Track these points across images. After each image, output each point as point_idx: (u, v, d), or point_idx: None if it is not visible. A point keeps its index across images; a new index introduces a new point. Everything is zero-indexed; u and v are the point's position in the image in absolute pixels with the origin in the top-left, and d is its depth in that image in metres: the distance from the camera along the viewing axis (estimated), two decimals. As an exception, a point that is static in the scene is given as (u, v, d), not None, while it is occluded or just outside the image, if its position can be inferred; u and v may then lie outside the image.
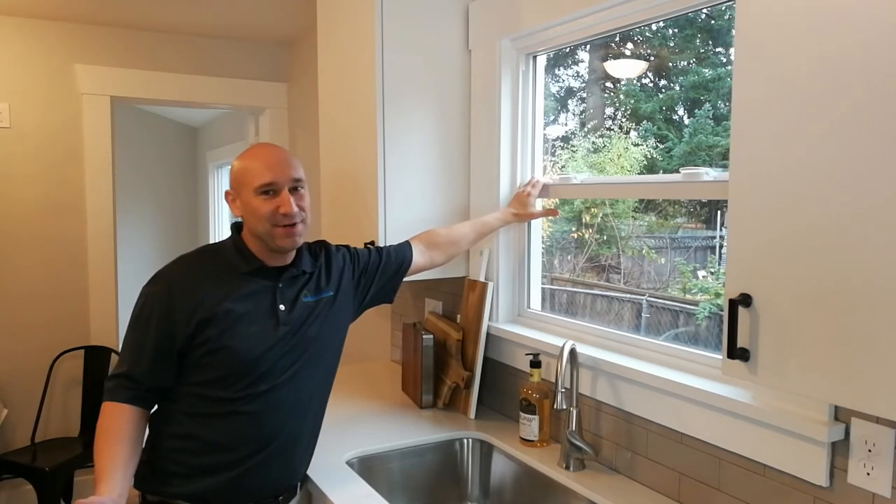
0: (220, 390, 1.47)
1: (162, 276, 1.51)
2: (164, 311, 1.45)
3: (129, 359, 1.46)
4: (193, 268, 1.52)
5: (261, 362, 1.48)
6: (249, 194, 1.48)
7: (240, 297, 1.49)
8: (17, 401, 3.41)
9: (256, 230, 1.50)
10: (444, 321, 2.32)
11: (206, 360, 1.46)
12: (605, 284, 3.33)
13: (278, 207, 1.47)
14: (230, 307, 1.47)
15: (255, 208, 1.48)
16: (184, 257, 1.56)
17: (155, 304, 1.46)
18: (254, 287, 1.52)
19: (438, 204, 2.20)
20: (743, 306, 1.03)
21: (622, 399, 1.67)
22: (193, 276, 1.50)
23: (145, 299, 1.48)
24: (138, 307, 1.49)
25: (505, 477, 1.89)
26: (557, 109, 2.88)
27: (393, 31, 2.07)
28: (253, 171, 1.49)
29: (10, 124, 3.35)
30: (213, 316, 1.45)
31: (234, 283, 1.50)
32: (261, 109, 3.95)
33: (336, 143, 2.41)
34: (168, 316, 1.45)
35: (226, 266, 1.53)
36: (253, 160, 1.51)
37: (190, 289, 1.47)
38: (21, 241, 3.41)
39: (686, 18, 1.97)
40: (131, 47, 3.57)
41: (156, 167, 6.87)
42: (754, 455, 1.35)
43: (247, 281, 1.52)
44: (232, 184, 1.53)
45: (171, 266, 1.53)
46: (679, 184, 1.60)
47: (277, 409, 1.51)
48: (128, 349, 1.48)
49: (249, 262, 1.53)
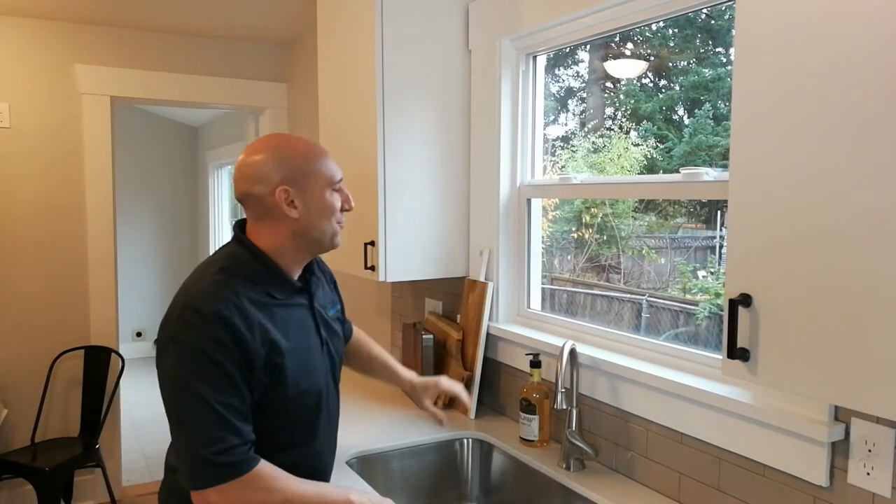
0: (283, 435, 1.33)
1: (213, 313, 1.20)
2: (232, 357, 1.21)
3: (225, 425, 1.20)
4: (241, 295, 1.26)
5: (317, 396, 1.37)
6: (323, 190, 1.32)
7: (290, 324, 1.32)
8: (17, 401, 3.41)
9: (314, 232, 1.33)
10: (444, 321, 2.32)
11: (272, 406, 1.29)
12: (605, 284, 3.33)
13: (345, 202, 1.37)
14: (289, 337, 1.30)
15: (329, 205, 1.33)
16: (222, 284, 1.26)
17: (219, 348, 1.20)
18: (294, 308, 1.35)
19: (438, 204, 2.21)
20: (743, 306, 1.03)
21: (622, 399, 1.67)
22: (246, 307, 1.25)
23: (204, 342, 1.19)
24: (199, 357, 1.19)
25: (505, 477, 1.89)
26: (557, 109, 2.88)
27: (393, 31, 2.07)
28: (327, 165, 1.34)
29: (10, 124, 3.35)
30: (279, 352, 1.27)
31: (277, 309, 1.31)
32: (261, 109, 3.95)
33: (336, 143, 2.41)
34: (238, 364, 1.22)
35: (264, 290, 1.30)
36: (318, 154, 1.34)
37: (249, 324, 1.23)
38: (21, 241, 3.41)
39: (686, 18, 1.97)
40: (131, 47, 3.57)
41: (156, 167, 6.87)
42: (754, 455, 1.35)
43: (286, 303, 1.33)
44: (294, 180, 1.29)
45: (213, 295, 1.23)
46: (679, 184, 1.60)
47: (326, 441, 1.44)
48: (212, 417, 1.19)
49: (286, 285, 1.34)
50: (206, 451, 1.18)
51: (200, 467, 1.19)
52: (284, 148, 1.32)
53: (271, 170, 1.29)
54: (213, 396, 1.19)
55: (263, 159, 1.30)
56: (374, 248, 2.12)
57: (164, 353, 1.24)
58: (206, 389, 1.18)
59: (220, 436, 1.19)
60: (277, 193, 1.28)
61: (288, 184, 1.29)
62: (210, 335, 1.19)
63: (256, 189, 1.29)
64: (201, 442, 1.19)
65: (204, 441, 1.19)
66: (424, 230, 2.18)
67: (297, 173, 1.30)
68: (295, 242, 1.33)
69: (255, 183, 1.29)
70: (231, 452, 1.19)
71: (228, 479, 1.19)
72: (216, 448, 1.18)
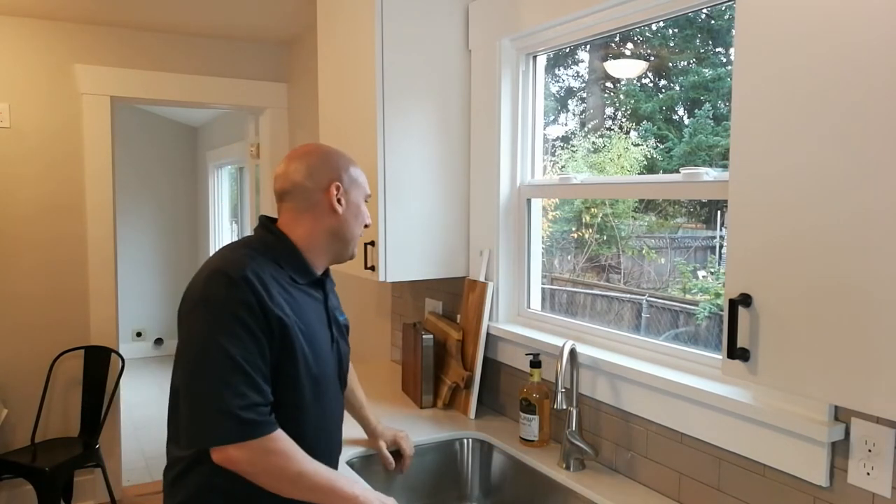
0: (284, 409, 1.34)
1: (242, 276, 1.26)
2: (257, 321, 1.26)
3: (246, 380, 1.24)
4: (266, 271, 1.33)
5: (325, 381, 1.41)
6: (359, 197, 1.47)
7: (305, 309, 1.38)
8: (17, 401, 3.41)
9: (347, 234, 1.44)
10: (444, 321, 2.32)
11: (280, 381, 1.32)
12: (605, 284, 3.33)
13: (367, 216, 1.50)
14: (303, 320, 1.35)
15: (362, 212, 1.47)
16: (249, 256, 1.33)
17: (246, 310, 1.25)
18: (310, 298, 1.41)
19: (438, 204, 2.21)
20: (743, 306, 1.03)
21: (622, 399, 1.67)
22: (269, 281, 1.31)
23: (233, 304, 1.24)
24: (226, 316, 1.24)
25: (505, 477, 1.89)
26: (557, 109, 2.88)
27: (393, 31, 2.07)
28: (365, 179, 1.49)
29: (10, 124, 3.35)
30: (294, 327, 1.32)
31: (296, 293, 1.37)
32: (261, 109, 3.95)
33: (336, 143, 2.41)
34: (262, 329, 1.27)
35: (286, 272, 1.38)
36: (359, 167, 1.50)
37: (271, 296, 1.29)
38: (21, 241, 3.41)
39: (686, 18, 1.97)
40: (131, 47, 3.57)
41: (156, 167, 6.87)
42: (754, 455, 1.35)
43: (304, 290, 1.40)
44: (345, 181, 1.42)
45: (239, 263, 1.29)
46: (679, 184, 1.60)
47: (325, 428, 1.44)
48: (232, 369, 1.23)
49: (308, 273, 1.41)
50: (231, 404, 1.20)
51: (223, 421, 1.21)
52: (337, 153, 1.46)
53: (328, 167, 1.41)
54: (240, 354, 1.22)
55: (319, 158, 1.42)
56: (374, 248, 2.12)
57: (190, 314, 1.28)
58: (234, 347, 1.22)
59: (245, 392, 1.22)
60: (331, 188, 1.40)
61: (341, 182, 1.42)
62: (238, 297, 1.24)
63: (309, 182, 1.40)
64: (227, 396, 1.21)
65: (229, 395, 1.21)
66: (424, 230, 2.19)
67: (348, 176, 1.44)
68: (328, 240, 1.43)
69: (309, 176, 1.40)
70: (255, 410, 1.23)
71: (251, 436, 1.22)
72: (242, 403, 1.21)
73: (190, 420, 1.25)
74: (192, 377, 1.26)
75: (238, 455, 1.22)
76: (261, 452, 1.23)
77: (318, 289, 1.45)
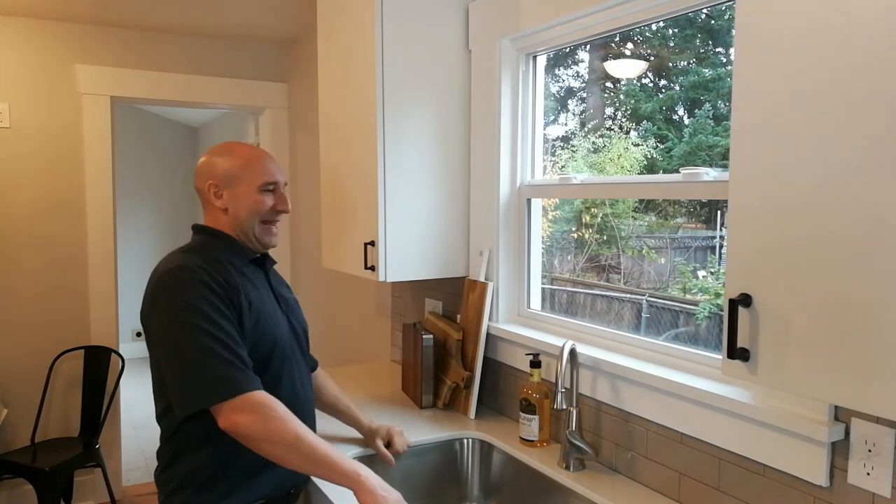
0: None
1: (190, 266, 1.43)
2: (221, 295, 1.42)
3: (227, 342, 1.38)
4: (208, 258, 1.49)
5: (283, 349, 1.54)
6: (249, 189, 1.55)
7: (252, 285, 1.53)
8: (17, 401, 3.41)
9: (244, 224, 1.55)
10: (444, 321, 2.32)
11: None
12: (605, 284, 3.33)
13: (276, 204, 1.58)
14: (254, 294, 1.50)
15: (253, 202, 1.55)
16: (186, 254, 1.51)
17: (208, 286, 1.40)
18: (255, 276, 1.57)
19: (438, 204, 2.21)
20: (743, 306, 1.03)
21: (622, 399, 1.67)
22: (214, 264, 1.47)
23: (195, 280, 1.40)
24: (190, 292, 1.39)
25: (505, 477, 1.89)
26: (557, 109, 2.88)
27: (393, 30, 2.08)
28: (256, 168, 1.56)
29: (10, 124, 3.35)
30: (249, 302, 1.47)
31: (237, 275, 1.51)
32: (261, 109, 3.95)
33: (336, 143, 2.42)
34: (225, 302, 1.42)
35: (227, 257, 1.53)
36: (252, 159, 1.57)
37: (221, 275, 1.45)
38: (21, 241, 3.41)
39: (686, 18, 1.97)
40: (131, 47, 3.57)
41: (156, 167, 6.87)
42: (754, 455, 1.35)
43: (244, 273, 1.54)
44: (221, 177, 1.55)
45: (185, 259, 1.46)
46: (679, 184, 1.60)
47: (296, 402, 1.53)
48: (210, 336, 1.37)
49: (243, 252, 1.57)
50: (218, 366, 1.34)
51: (212, 383, 1.33)
52: (230, 153, 1.57)
53: (206, 168, 1.56)
54: (210, 325, 1.36)
55: (203, 162, 1.58)
56: (373, 248, 2.12)
57: (154, 305, 1.42)
58: (202, 321, 1.36)
59: (225, 356, 1.35)
60: (208, 187, 1.55)
61: (218, 180, 1.55)
62: (194, 278, 1.40)
63: (198, 183, 1.58)
64: (211, 362, 1.34)
65: (213, 360, 1.34)
66: (424, 230, 2.19)
67: (227, 172, 1.55)
68: (230, 228, 1.56)
69: (197, 178, 1.58)
70: (240, 368, 1.36)
71: (244, 390, 1.33)
72: (227, 363, 1.34)
73: (180, 389, 1.37)
74: (172, 354, 1.38)
75: (240, 418, 1.31)
76: (257, 416, 1.32)
77: (259, 269, 1.60)
